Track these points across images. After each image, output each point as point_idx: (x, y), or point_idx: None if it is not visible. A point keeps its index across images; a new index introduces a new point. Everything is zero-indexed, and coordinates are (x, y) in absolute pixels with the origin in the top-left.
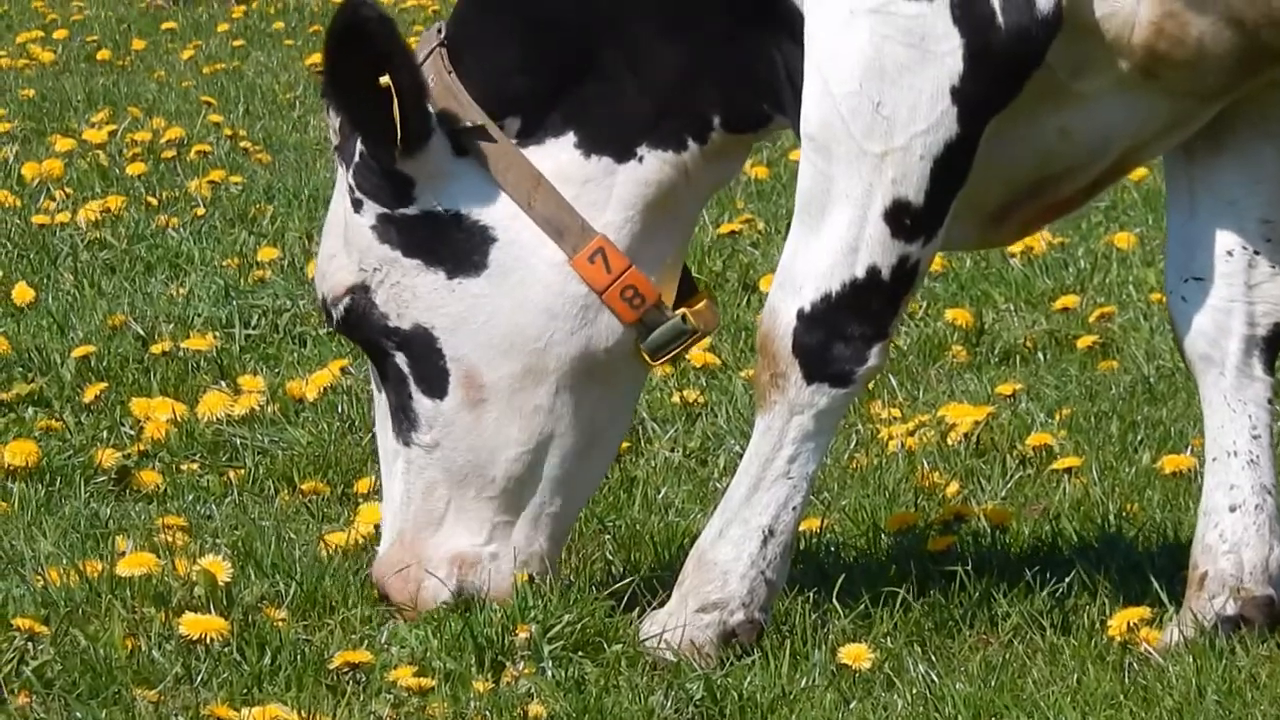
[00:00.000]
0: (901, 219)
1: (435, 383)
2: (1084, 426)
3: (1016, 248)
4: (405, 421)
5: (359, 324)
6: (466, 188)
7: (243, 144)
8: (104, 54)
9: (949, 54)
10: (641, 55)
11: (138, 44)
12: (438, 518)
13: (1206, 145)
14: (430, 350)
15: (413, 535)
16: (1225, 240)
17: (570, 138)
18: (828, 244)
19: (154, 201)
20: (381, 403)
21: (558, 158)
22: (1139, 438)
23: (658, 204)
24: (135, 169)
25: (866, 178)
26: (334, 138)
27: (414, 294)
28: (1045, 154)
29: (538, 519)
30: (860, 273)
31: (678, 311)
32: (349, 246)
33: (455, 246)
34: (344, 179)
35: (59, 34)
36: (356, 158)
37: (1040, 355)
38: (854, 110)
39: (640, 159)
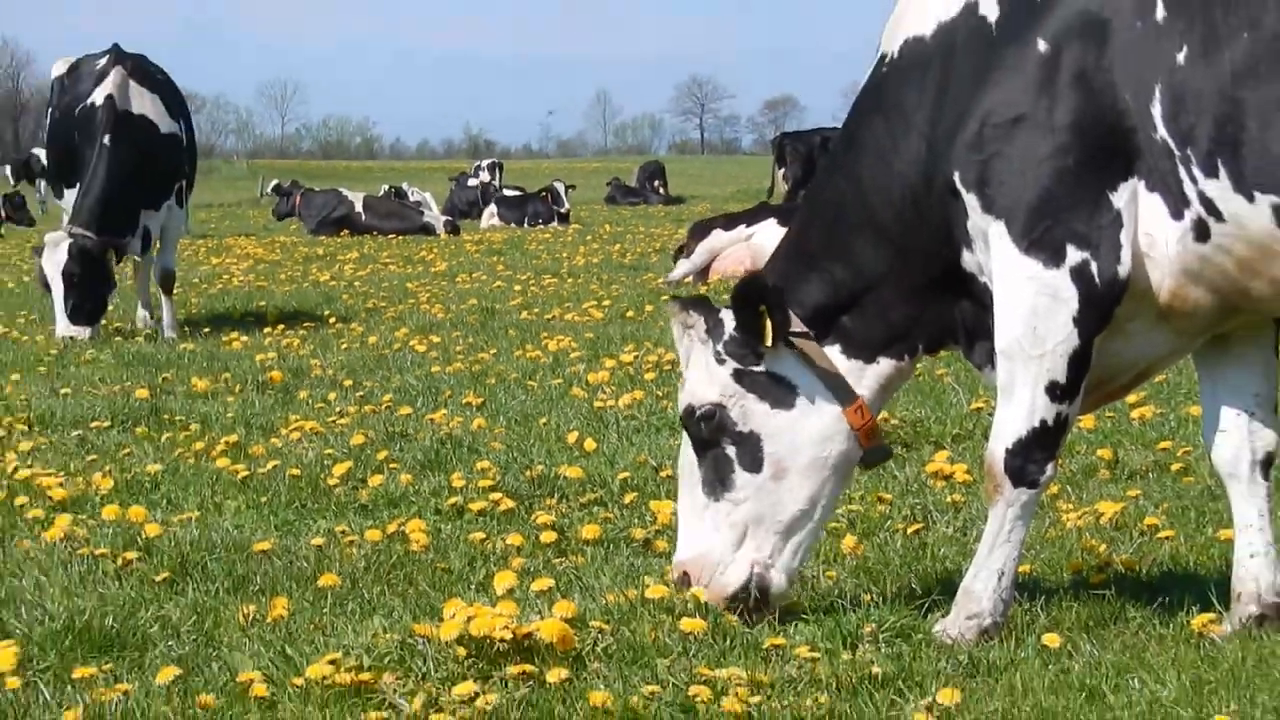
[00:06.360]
0: (1055, 391)
1: (755, 464)
2: None
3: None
4: (720, 486)
5: (713, 426)
6: (791, 363)
7: None
8: None
9: (1071, 299)
10: (887, 305)
11: None
12: (739, 540)
13: (1217, 354)
14: (756, 446)
15: (721, 550)
16: (1235, 408)
17: (838, 348)
18: (1017, 410)
19: None
20: (696, 472)
21: (840, 359)
22: None
23: (883, 387)
24: None
25: (1034, 370)
26: (698, 329)
27: (752, 413)
28: (1107, 364)
29: (799, 547)
30: (1036, 424)
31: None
32: (712, 381)
33: (779, 392)
34: (709, 349)
35: None
36: (726, 337)
37: None
38: (1024, 334)
39: (878, 362)
